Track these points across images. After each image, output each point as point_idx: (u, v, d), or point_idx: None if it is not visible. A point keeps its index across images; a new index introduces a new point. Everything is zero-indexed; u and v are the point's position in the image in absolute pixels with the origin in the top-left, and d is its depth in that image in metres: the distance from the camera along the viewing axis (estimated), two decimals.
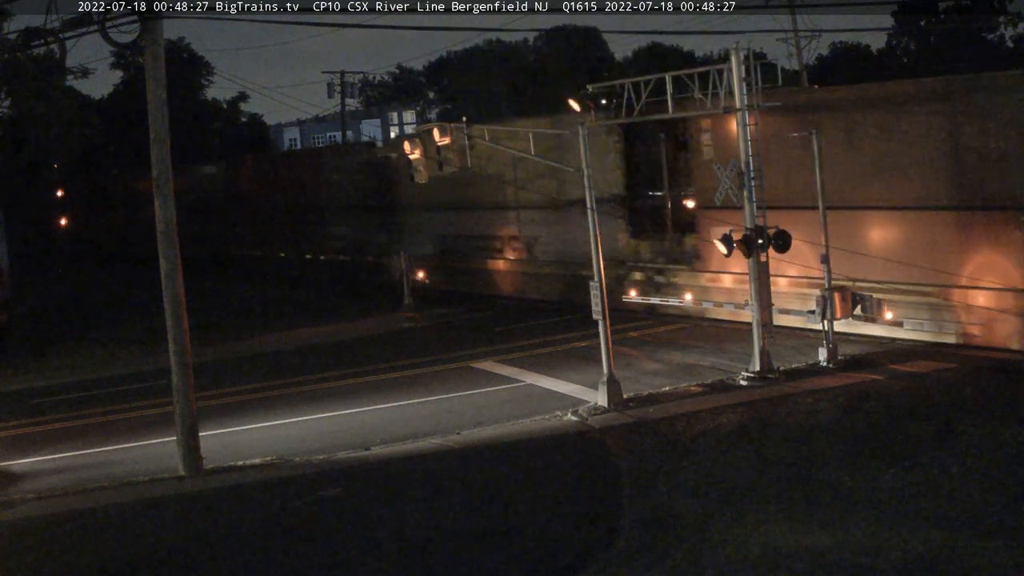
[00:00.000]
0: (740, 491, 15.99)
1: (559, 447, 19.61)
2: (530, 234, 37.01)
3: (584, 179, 22.36)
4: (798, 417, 19.97)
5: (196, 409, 19.65)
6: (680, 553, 13.82)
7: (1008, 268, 23.44)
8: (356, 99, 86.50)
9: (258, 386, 27.01)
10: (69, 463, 20.89)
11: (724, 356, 25.77)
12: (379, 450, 20.09)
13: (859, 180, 25.98)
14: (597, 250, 22.44)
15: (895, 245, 25.48)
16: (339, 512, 16.78)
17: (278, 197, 53.20)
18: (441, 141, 23.60)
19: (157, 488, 18.59)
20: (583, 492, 17.09)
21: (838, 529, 14.10)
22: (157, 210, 19.43)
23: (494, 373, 26.34)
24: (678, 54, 76.85)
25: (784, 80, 25.50)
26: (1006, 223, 23.35)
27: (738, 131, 23.37)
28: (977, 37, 58.80)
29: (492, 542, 15.01)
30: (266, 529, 16.24)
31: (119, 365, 31.54)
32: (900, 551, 13.24)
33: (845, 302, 24.20)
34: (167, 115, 19.39)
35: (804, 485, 16.00)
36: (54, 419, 24.87)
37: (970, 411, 19.39)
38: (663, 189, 31.74)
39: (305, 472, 18.89)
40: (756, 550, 13.64)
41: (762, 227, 23.08)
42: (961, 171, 24.19)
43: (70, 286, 55.66)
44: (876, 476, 16.09)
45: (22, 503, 18.25)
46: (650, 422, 20.54)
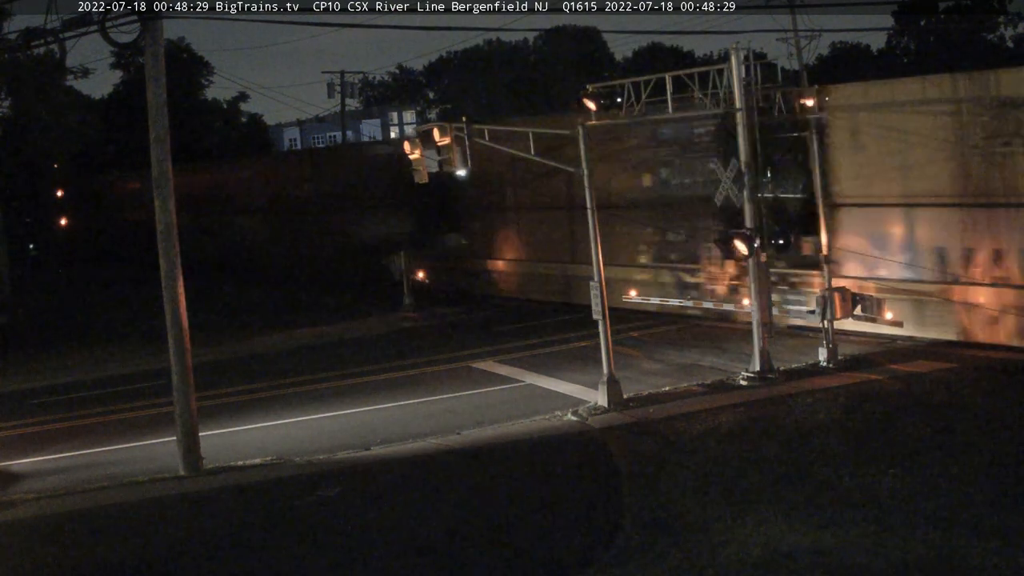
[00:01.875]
0: (740, 491, 15.98)
1: (559, 447, 19.61)
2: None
3: (584, 179, 22.39)
4: (798, 417, 19.97)
5: (196, 409, 19.66)
6: (680, 553, 13.82)
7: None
8: (356, 99, 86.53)
9: (258, 386, 27.01)
10: (69, 463, 20.89)
11: (724, 356, 25.78)
12: (379, 450, 20.09)
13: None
14: (597, 250, 22.43)
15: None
16: (339, 512, 16.77)
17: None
18: (441, 141, 23.59)
19: (157, 488, 18.58)
20: (583, 492, 17.08)
21: (838, 529, 14.09)
22: (157, 210, 19.42)
23: (494, 373, 26.34)
24: (678, 54, 76.89)
25: (784, 80, 25.44)
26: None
27: (738, 131, 23.37)
28: (977, 37, 58.79)
29: (492, 542, 15.01)
30: (266, 529, 16.24)
31: (119, 365, 31.53)
32: (900, 551, 13.24)
33: (845, 302, 24.20)
34: (167, 115, 19.40)
35: (804, 485, 16.00)
36: (54, 419, 24.85)
37: (970, 411, 19.41)
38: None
39: (305, 472, 18.89)
40: (756, 550, 13.64)
41: (762, 227, 23.07)
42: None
43: (70, 286, 55.70)
44: (876, 476, 16.08)
45: (22, 503, 18.25)
46: (650, 422, 20.54)
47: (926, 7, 60.74)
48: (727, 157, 23.61)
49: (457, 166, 22.73)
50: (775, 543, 13.81)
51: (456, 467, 18.75)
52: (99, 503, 18.00)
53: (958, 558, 12.94)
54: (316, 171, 52.30)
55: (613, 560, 13.85)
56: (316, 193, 50.93)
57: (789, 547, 13.64)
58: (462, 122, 23.04)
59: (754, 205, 23.27)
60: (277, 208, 53.90)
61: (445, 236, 42.11)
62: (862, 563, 13.01)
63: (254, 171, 59.42)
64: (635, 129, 30.13)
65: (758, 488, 16.06)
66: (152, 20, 18.77)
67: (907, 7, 60.27)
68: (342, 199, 48.55)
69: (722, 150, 26.43)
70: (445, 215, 41.35)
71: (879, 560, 13.03)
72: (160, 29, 19.05)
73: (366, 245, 45.27)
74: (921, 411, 19.61)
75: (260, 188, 56.18)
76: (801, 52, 33.72)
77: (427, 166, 23.27)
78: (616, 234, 31.35)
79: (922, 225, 25.51)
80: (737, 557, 13.51)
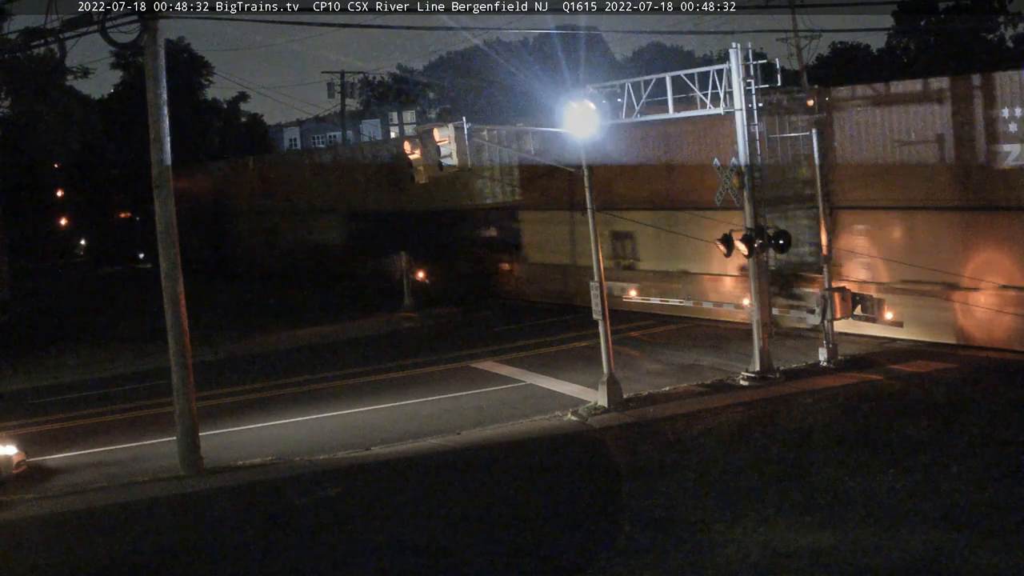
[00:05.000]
0: (740, 491, 15.99)
1: (559, 447, 19.62)
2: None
3: (584, 179, 22.40)
4: (798, 417, 19.97)
5: (196, 409, 19.66)
6: (680, 553, 13.82)
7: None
8: (356, 99, 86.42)
9: (258, 386, 27.01)
10: (69, 463, 20.89)
11: (724, 356, 25.78)
12: (379, 450, 20.09)
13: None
14: (597, 250, 22.44)
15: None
16: (339, 512, 16.77)
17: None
18: (441, 141, 23.59)
19: (157, 488, 18.58)
20: (583, 492, 17.08)
21: (838, 529, 14.10)
22: (157, 210, 19.42)
23: (494, 373, 26.34)
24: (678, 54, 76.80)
25: (784, 80, 25.36)
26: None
27: (737, 131, 23.36)
28: (977, 37, 58.73)
29: (492, 542, 15.00)
30: (266, 529, 16.24)
31: (119, 365, 31.55)
32: (900, 551, 13.25)
33: (845, 302, 24.20)
34: (167, 115, 19.40)
35: (804, 485, 16.00)
36: (53, 419, 24.85)
37: (970, 411, 19.41)
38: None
39: (305, 472, 18.89)
40: (756, 550, 13.64)
41: (762, 227, 23.06)
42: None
43: (70, 286, 55.70)
44: (876, 476, 16.08)
45: (22, 503, 18.26)
46: (650, 422, 20.55)
47: (926, 7, 60.63)
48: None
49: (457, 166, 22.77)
50: (775, 543, 13.81)
51: (456, 467, 18.74)
52: (99, 503, 18.00)
53: (958, 558, 12.95)
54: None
55: (613, 560, 13.85)
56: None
57: (789, 547, 13.64)
58: (462, 122, 23.05)
59: (754, 205, 23.25)
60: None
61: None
62: (862, 563, 13.01)
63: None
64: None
65: (758, 488, 16.07)
66: (152, 20, 18.78)
67: (907, 7, 60.16)
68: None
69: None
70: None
71: (879, 560, 13.03)
72: (160, 29, 19.05)
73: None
74: (921, 411, 19.61)
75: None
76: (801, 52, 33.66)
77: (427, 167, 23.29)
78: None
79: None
80: (737, 557, 13.51)
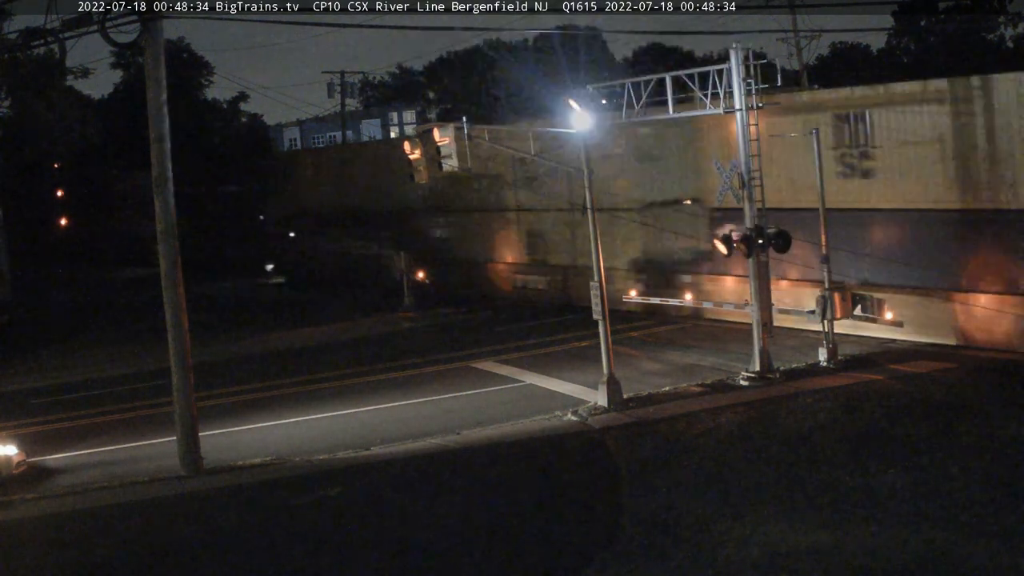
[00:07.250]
0: (740, 491, 15.98)
1: (559, 447, 19.61)
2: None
3: (585, 179, 22.39)
4: (798, 417, 19.96)
5: (196, 409, 19.66)
6: (680, 553, 13.82)
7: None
8: (356, 99, 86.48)
9: (258, 386, 27.00)
10: (69, 463, 20.88)
11: (724, 356, 25.76)
12: (379, 450, 20.09)
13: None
14: (597, 250, 22.42)
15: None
16: (339, 512, 16.78)
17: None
18: (441, 141, 23.61)
19: (157, 488, 18.59)
20: (583, 492, 17.08)
21: (838, 529, 14.09)
22: (157, 209, 19.41)
23: (494, 373, 26.33)
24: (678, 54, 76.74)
25: (784, 80, 25.39)
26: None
27: (736, 131, 23.37)
28: (977, 37, 58.75)
29: (492, 542, 15.01)
30: (266, 529, 16.24)
31: (119, 365, 31.54)
32: (900, 551, 13.25)
33: (845, 302, 24.19)
34: (167, 115, 19.40)
35: (804, 485, 16.00)
36: (53, 419, 24.84)
37: (970, 411, 19.41)
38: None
39: (305, 472, 18.89)
40: (756, 550, 13.64)
41: (762, 227, 23.06)
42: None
43: (70, 286, 55.67)
44: (876, 476, 16.08)
45: (22, 503, 18.26)
46: (650, 422, 20.54)
47: (926, 7, 60.65)
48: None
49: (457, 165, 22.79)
50: (775, 543, 13.81)
51: (456, 467, 18.74)
52: (99, 503, 18.01)
53: (958, 558, 12.95)
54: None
55: (613, 560, 13.85)
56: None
57: (789, 547, 13.64)
58: (462, 122, 23.06)
59: (754, 205, 23.26)
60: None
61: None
62: (862, 563, 13.01)
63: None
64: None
65: (758, 488, 16.06)
66: (152, 20, 18.78)
67: (907, 7, 60.18)
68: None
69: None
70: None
71: (879, 560, 13.04)
72: (160, 29, 19.06)
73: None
74: (921, 411, 19.62)
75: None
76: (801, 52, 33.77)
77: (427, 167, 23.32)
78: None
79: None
80: (737, 557, 13.50)
